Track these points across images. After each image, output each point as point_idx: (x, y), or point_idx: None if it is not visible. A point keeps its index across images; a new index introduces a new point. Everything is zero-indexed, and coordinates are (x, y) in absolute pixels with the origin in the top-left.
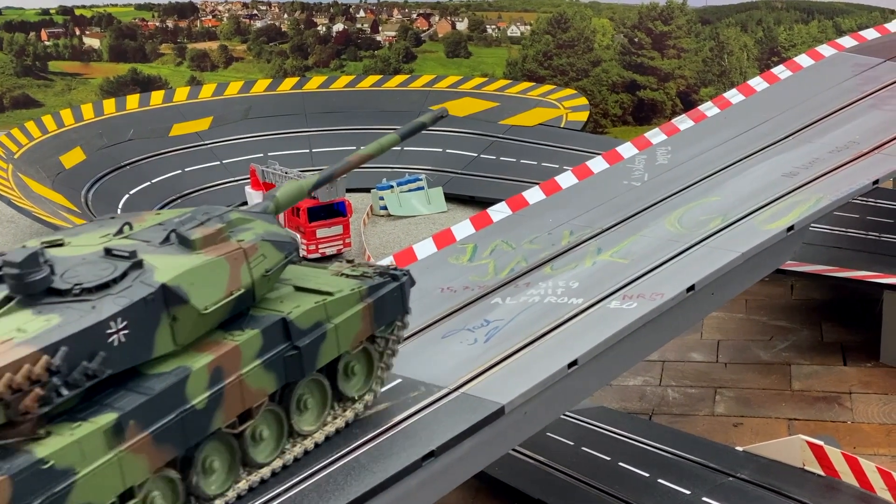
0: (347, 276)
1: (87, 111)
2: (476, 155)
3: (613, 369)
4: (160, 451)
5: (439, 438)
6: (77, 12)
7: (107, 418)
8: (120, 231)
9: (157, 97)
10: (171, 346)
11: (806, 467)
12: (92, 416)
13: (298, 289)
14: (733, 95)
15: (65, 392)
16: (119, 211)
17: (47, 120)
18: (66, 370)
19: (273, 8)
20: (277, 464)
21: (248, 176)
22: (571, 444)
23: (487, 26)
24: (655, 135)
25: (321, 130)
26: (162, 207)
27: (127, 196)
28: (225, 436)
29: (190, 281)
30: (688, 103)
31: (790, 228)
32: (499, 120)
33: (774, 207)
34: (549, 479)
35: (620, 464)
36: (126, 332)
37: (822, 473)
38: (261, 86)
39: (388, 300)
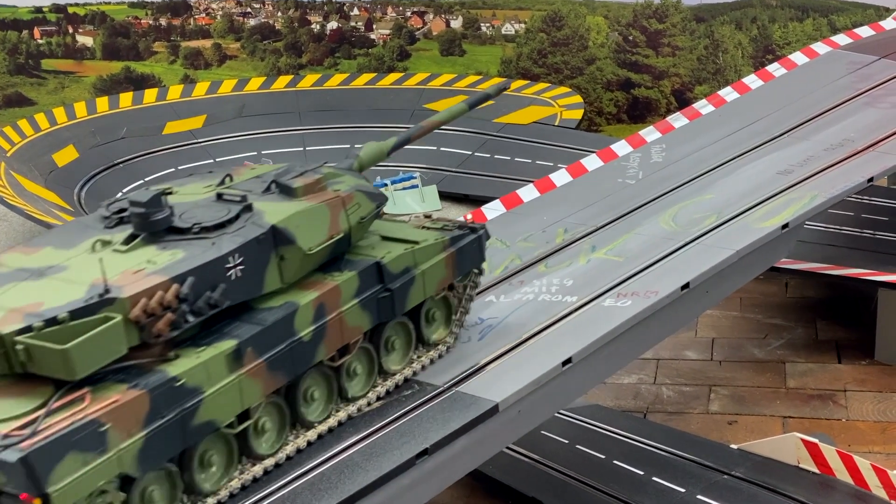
0: (429, 228)
1: (80, 109)
2: (470, 153)
3: (608, 367)
4: (272, 377)
5: (433, 436)
6: (70, 10)
7: (228, 344)
8: (222, 182)
9: (150, 95)
10: (278, 284)
11: (801, 465)
12: (213, 342)
13: (385, 238)
14: (728, 93)
15: (191, 319)
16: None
17: (40, 118)
18: (192, 298)
19: (267, 6)
20: (370, 397)
21: None
22: (566, 442)
23: (482, 24)
24: (650, 132)
25: (315, 128)
26: None
27: (120, 194)
28: (324, 368)
29: (296, 223)
30: (682, 101)
31: (785, 226)
32: (493, 118)
33: (769, 205)
34: (543, 477)
35: (615, 462)
36: (242, 267)
37: (816, 471)
38: (254, 84)
39: (468, 250)
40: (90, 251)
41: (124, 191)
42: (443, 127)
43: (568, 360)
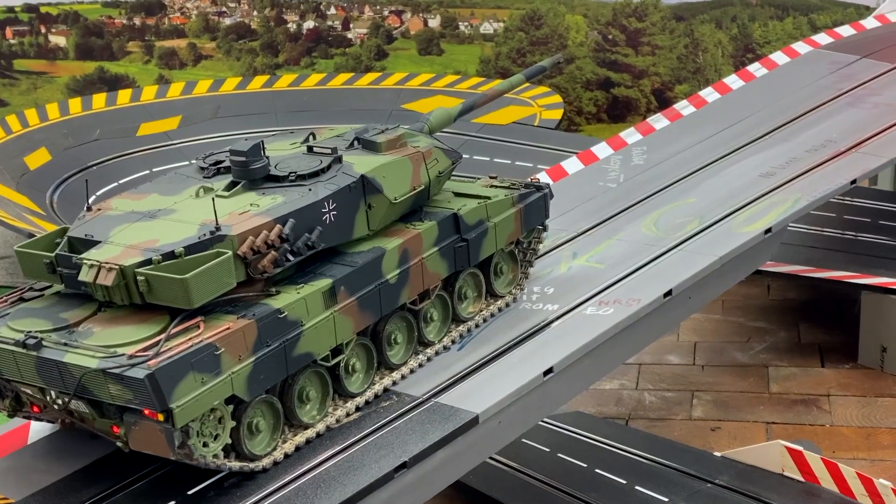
0: (497, 186)
1: (53, 111)
2: None
3: (590, 376)
4: (363, 315)
5: (412, 449)
6: (43, 10)
7: (324, 282)
8: (306, 140)
9: (124, 96)
10: (365, 230)
11: (785, 473)
12: (310, 281)
13: (458, 195)
14: (709, 94)
15: (291, 258)
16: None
17: (11, 120)
18: (293, 239)
19: (242, 5)
20: (445, 341)
21: None
22: (547, 450)
23: (460, 23)
24: (631, 134)
25: (292, 129)
26: None
27: (94, 197)
28: (405, 313)
29: (382, 174)
30: (662, 101)
31: (768, 230)
32: (472, 118)
33: (752, 209)
34: (524, 486)
35: (597, 470)
36: (335, 213)
37: (801, 479)
38: (230, 84)
39: (534, 207)
40: (195, 196)
41: (98, 194)
42: None
43: (549, 370)
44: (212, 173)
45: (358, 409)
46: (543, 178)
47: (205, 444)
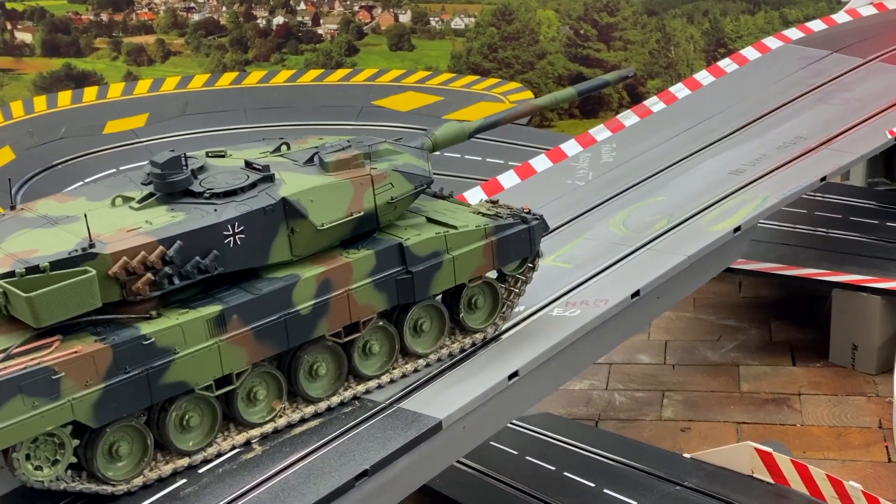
0: (482, 214)
1: (17, 109)
2: None
3: (556, 379)
4: (261, 345)
5: (373, 456)
6: (8, 6)
7: (211, 309)
8: (277, 149)
9: (90, 93)
10: (287, 256)
11: (755, 475)
12: (201, 306)
13: (430, 220)
14: (679, 90)
15: (177, 281)
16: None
17: None
18: (179, 262)
19: (211, 0)
20: (384, 379)
21: None
22: (515, 453)
23: (431, 18)
24: (600, 131)
25: (261, 127)
26: None
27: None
28: (332, 345)
29: (310, 198)
30: (634, 96)
31: (737, 229)
32: (443, 115)
33: (721, 207)
34: (492, 490)
35: (565, 474)
36: (242, 236)
37: (771, 481)
38: (199, 81)
39: (514, 240)
40: (110, 206)
41: (65, 191)
42: (393, 125)
43: (514, 374)
44: (149, 181)
45: (264, 437)
46: (512, 177)
47: (38, 468)
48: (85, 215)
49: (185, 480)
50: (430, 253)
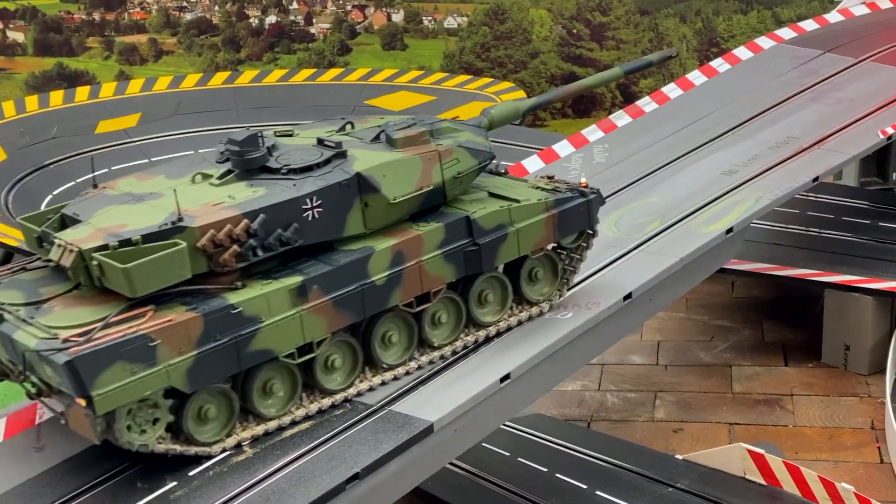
0: (541, 188)
1: (9, 108)
2: None
3: (548, 382)
4: (339, 315)
5: (364, 459)
6: (0, 5)
7: (293, 280)
8: (342, 129)
9: (82, 93)
10: (361, 229)
11: (747, 476)
12: (283, 277)
13: (492, 195)
14: (671, 90)
15: (260, 253)
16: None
17: None
18: (262, 234)
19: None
20: (457, 346)
21: None
22: (507, 454)
23: (424, 18)
24: (592, 132)
25: (254, 126)
26: None
27: (50, 197)
28: (403, 314)
29: (383, 173)
30: (627, 95)
31: (729, 230)
32: (436, 114)
33: (713, 208)
34: (484, 492)
35: (558, 475)
36: (320, 209)
37: (763, 483)
38: (191, 80)
39: (573, 214)
40: (190, 182)
41: (54, 193)
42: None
43: (506, 377)
44: (224, 158)
45: (334, 405)
46: None
47: (142, 432)
48: (175, 190)
49: (175, 483)
50: (495, 225)
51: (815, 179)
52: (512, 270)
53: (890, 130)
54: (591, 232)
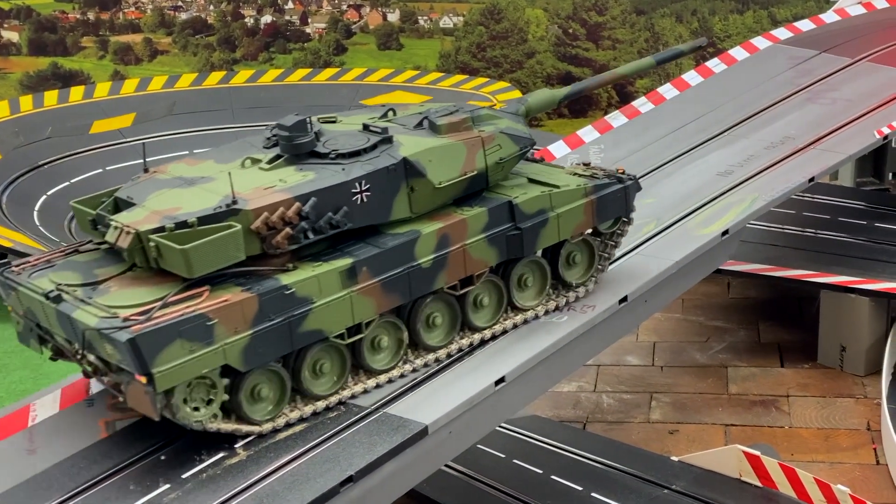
0: (579, 175)
1: (3, 109)
2: None
3: (543, 384)
4: (387, 297)
5: (358, 462)
6: None
7: (343, 262)
8: (384, 115)
9: (76, 93)
10: (407, 213)
11: (743, 478)
12: (333, 259)
13: (531, 181)
14: (667, 90)
15: (311, 236)
16: (35, 212)
17: None
18: (314, 217)
19: None
20: (494, 329)
21: None
22: (503, 456)
23: (419, 17)
24: (588, 132)
25: (249, 126)
26: None
27: (44, 197)
28: (447, 297)
29: (428, 158)
30: (623, 95)
31: (725, 232)
32: None
33: (709, 210)
34: (479, 494)
35: (553, 477)
36: (368, 193)
37: (759, 484)
38: (186, 80)
39: (611, 199)
40: (240, 167)
41: (49, 193)
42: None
43: (501, 380)
44: (271, 143)
45: (378, 386)
46: None
47: (196, 409)
48: (230, 174)
49: (168, 486)
50: (536, 210)
51: (812, 180)
52: (550, 256)
53: (886, 130)
54: (626, 219)
